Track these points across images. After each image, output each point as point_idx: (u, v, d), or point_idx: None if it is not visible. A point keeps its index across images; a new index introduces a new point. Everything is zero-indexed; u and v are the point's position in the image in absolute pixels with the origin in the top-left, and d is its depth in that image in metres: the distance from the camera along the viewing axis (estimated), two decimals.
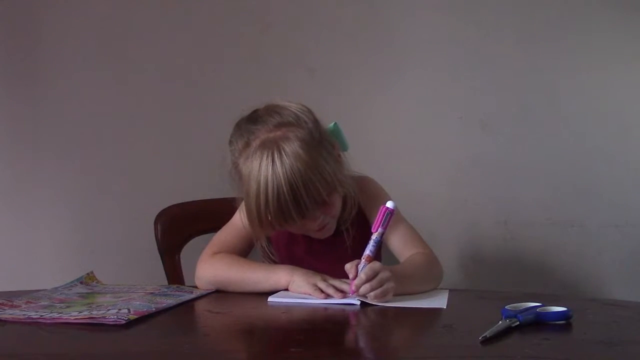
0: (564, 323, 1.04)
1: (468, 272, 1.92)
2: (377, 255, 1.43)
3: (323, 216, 1.32)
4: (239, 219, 1.39)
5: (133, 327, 1.02)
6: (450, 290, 1.29)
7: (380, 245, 1.47)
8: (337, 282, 1.24)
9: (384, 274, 1.19)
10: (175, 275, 1.61)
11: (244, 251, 1.42)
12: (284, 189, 1.24)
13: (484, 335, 0.94)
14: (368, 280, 1.18)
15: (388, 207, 1.25)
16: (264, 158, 1.26)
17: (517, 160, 1.91)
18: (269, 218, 1.26)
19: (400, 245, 1.40)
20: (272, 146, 1.27)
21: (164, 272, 1.62)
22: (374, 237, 1.24)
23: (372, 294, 1.18)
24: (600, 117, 1.90)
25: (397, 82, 1.91)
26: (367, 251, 1.23)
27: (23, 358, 0.92)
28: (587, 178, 1.90)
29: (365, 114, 1.90)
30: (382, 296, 1.18)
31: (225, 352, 0.96)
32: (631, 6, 1.89)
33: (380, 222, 1.25)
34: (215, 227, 1.72)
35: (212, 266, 1.36)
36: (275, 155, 1.25)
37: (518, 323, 1.00)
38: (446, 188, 1.92)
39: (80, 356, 0.92)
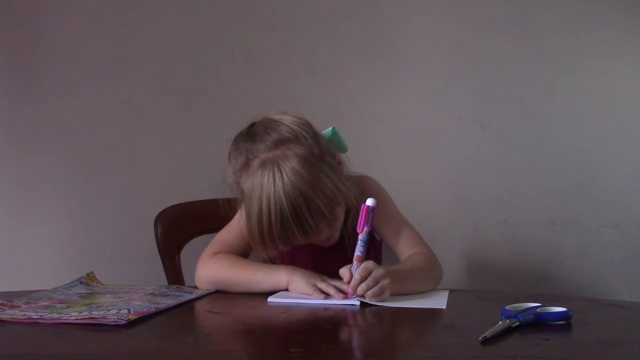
0: (564, 323, 1.04)
1: (468, 272, 1.92)
2: (375, 256, 1.44)
3: (327, 229, 1.32)
4: (239, 220, 1.40)
5: (133, 327, 1.02)
6: (450, 291, 1.29)
7: (381, 245, 1.48)
8: (337, 283, 1.24)
9: (377, 272, 1.19)
10: (175, 275, 1.61)
11: (244, 251, 1.41)
12: (287, 211, 1.22)
13: (484, 335, 0.94)
14: (363, 279, 1.18)
15: (369, 205, 1.24)
16: (265, 180, 1.24)
17: (517, 160, 1.91)
18: (273, 239, 1.26)
19: (400, 245, 1.39)
20: (272, 167, 1.25)
21: (164, 272, 1.62)
22: (360, 237, 1.24)
23: (369, 292, 1.18)
24: (600, 117, 1.90)
25: (397, 82, 1.91)
26: (357, 252, 1.23)
27: (23, 358, 0.92)
28: (587, 178, 1.90)
29: (365, 114, 1.90)
30: (379, 294, 1.18)
31: (225, 352, 0.96)
32: (631, 6, 1.89)
33: (364, 221, 1.24)
34: (215, 227, 1.72)
35: (211, 266, 1.36)
36: (277, 177, 1.24)
37: (518, 323, 1.00)
38: (446, 188, 1.92)
39: (80, 356, 0.92)
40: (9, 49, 1.88)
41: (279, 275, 1.29)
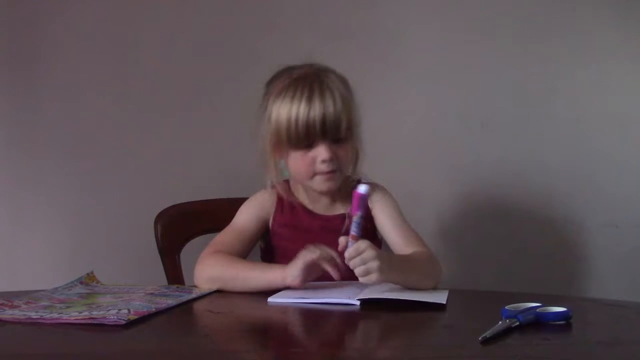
0: (564, 323, 1.04)
1: (468, 272, 1.92)
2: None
3: (334, 161, 1.36)
4: (240, 221, 1.42)
5: (133, 327, 1.02)
6: (450, 290, 1.29)
7: (381, 244, 1.48)
8: (326, 252, 1.25)
9: (368, 254, 1.20)
10: (175, 275, 1.61)
11: (243, 252, 1.42)
12: (317, 84, 1.34)
13: (484, 335, 0.94)
14: (351, 258, 1.20)
15: (361, 193, 1.26)
16: (305, 78, 1.36)
17: (517, 160, 1.91)
18: (295, 111, 1.33)
19: (400, 243, 1.40)
20: (314, 74, 1.37)
21: (164, 272, 1.62)
22: (354, 219, 1.25)
23: (355, 271, 1.19)
24: (599, 117, 1.91)
25: (397, 82, 1.92)
26: (352, 232, 1.24)
27: (23, 358, 0.92)
28: (587, 178, 1.90)
29: (365, 114, 1.89)
30: (365, 275, 1.19)
31: (225, 352, 0.96)
32: (630, 7, 1.89)
33: (356, 206, 1.26)
34: (215, 227, 1.72)
35: (209, 265, 1.36)
36: (316, 76, 1.36)
37: (518, 323, 1.00)
38: (446, 188, 1.92)
39: (80, 356, 0.92)
40: (9, 50, 1.87)
41: (273, 272, 1.29)
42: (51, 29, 1.89)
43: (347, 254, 1.21)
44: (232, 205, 1.71)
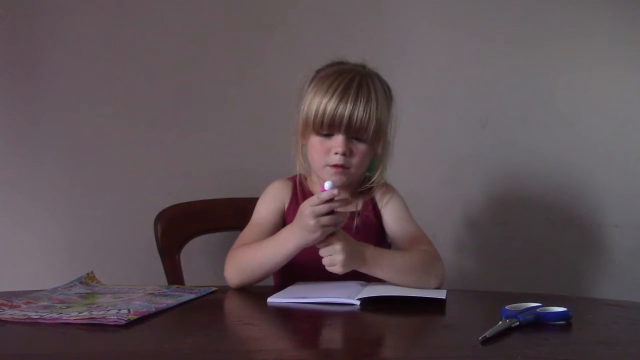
0: (564, 323, 1.04)
1: (468, 272, 1.92)
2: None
3: (347, 156, 1.37)
4: (258, 215, 1.44)
5: (133, 327, 1.02)
6: (451, 291, 1.29)
7: (390, 248, 1.48)
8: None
9: (335, 247, 1.24)
10: (175, 275, 1.61)
11: None
12: (356, 83, 1.37)
13: (484, 335, 0.94)
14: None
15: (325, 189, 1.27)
16: (349, 73, 1.39)
17: (517, 160, 1.91)
18: (326, 101, 1.35)
19: (405, 242, 1.41)
20: (359, 72, 1.41)
21: (164, 272, 1.62)
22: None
23: (323, 260, 1.25)
24: (599, 117, 1.91)
25: (397, 82, 1.91)
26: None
27: (23, 358, 0.92)
28: (587, 178, 1.90)
29: None
30: (331, 265, 1.25)
31: (225, 352, 0.96)
32: (630, 7, 1.89)
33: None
34: (215, 227, 1.72)
35: (234, 259, 1.35)
36: (360, 76, 1.39)
37: (518, 323, 1.00)
38: (446, 188, 1.92)
39: (80, 356, 0.92)
40: (9, 51, 1.87)
41: (285, 236, 1.30)
42: (51, 29, 1.88)
43: (319, 247, 1.26)
44: (232, 205, 1.71)
